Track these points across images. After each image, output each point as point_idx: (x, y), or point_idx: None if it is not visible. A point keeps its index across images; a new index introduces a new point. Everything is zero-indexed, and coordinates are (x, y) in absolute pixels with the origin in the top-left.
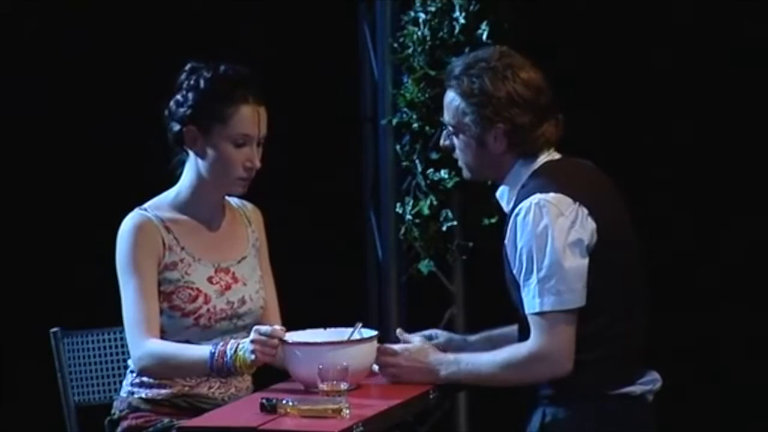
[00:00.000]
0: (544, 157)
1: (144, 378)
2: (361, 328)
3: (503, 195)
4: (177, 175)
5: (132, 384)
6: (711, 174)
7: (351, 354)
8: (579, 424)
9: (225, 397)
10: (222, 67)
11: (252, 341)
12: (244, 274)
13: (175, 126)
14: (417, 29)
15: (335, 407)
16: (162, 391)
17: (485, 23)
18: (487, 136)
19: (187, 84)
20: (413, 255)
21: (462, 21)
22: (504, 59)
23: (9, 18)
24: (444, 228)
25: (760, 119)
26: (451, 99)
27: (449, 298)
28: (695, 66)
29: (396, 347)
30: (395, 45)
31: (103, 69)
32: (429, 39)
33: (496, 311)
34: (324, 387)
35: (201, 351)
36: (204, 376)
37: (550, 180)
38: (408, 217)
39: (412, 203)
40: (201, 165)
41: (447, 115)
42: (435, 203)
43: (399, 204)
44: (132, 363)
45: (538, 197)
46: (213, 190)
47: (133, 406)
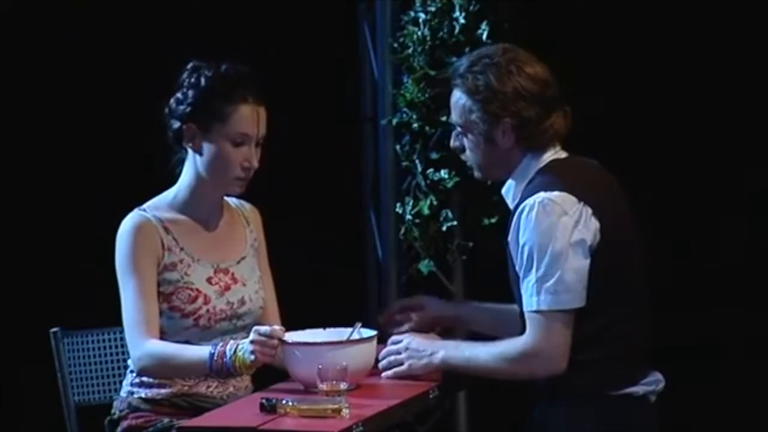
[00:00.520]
0: (551, 154)
1: (144, 378)
2: (361, 328)
3: (509, 190)
4: (176, 175)
5: (132, 384)
6: (711, 174)
7: (350, 354)
8: (581, 424)
9: (224, 397)
10: (223, 66)
11: (251, 342)
12: (243, 274)
13: (175, 123)
14: (417, 29)
15: (335, 407)
16: (162, 391)
17: (485, 23)
18: (495, 131)
19: (188, 82)
20: (413, 255)
21: (462, 21)
22: (508, 54)
23: (9, 18)
24: (444, 228)
25: (760, 119)
26: (458, 98)
27: (449, 298)
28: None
29: (401, 336)
30: (395, 45)
31: (103, 69)
32: (429, 39)
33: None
34: (323, 387)
35: (200, 351)
36: (203, 376)
37: (555, 178)
38: (408, 217)
39: (412, 203)
40: (199, 164)
41: (454, 115)
42: (435, 203)
43: (399, 204)
44: (132, 363)
45: (542, 195)
46: (211, 189)
47: (133, 406)
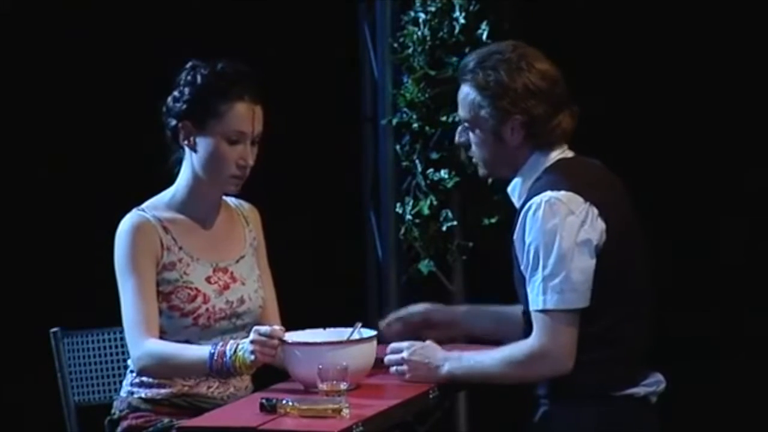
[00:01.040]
0: (558, 153)
1: (144, 378)
2: (361, 328)
3: (515, 188)
4: (174, 175)
5: (132, 384)
6: (711, 173)
7: (351, 354)
8: (581, 424)
9: (224, 397)
10: (220, 65)
11: (251, 341)
12: (242, 273)
13: (172, 121)
14: (417, 29)
15: (335, 407)
16: (162, 391)
17: (485, 23)
18: (504, 128)
19: (185, 80)
20: (413, 255)
21: (462, 21)
22: (518, 51)
23: (9, 18)
24: (444, 228)
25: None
26: (466, 93)
27: (449, 298)
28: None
29: (402, 345)
30: (395, 45)
31: (103, 69)
32: (429, 39)
33: None
34: (324, 387)
35: (200, 351)
36: (203, 376)
37: (562, 177)
38: (408, 217)
39: (412, 203)
40: (196, 162)
41: (462, 111)
42: (435, 203)
43: (399, 204)
44: (132, 363)
45: (549, 194)
46: (208, 188)
47: (133, 406)
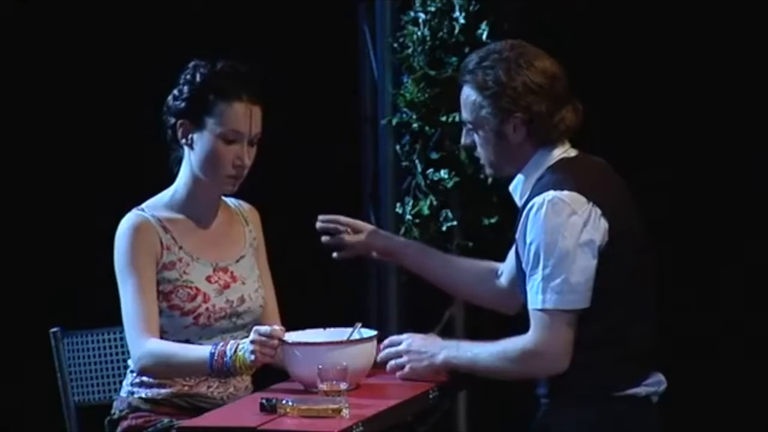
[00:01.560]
0: (561, 151)
1: (144, 378)
2: (361, 328)
3: (517, 187)
4: (174, 174)
5: (132, 384)
6: (711, 173)
7: (350, 354)
8: (583, 425)
9: (224, 397)
10: (220, 64)
11: (251, 342)
12: (242, 273)
13: (171, 119)
14: (417, 29)
15: (335, 407)
16: (162, 391)
17: (485, 23)
18: (506, 127)
19: (184, 79)
20: None
21: (462, 21)
22: (516, 49)
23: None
24: (444, 228)
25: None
26: (467, 95)
27: (449, 298)
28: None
29: (401, 337)
30: (395, 45)
31: (102, 69)
32: (429, 39)
33: (495, 311)
34: (324, 387)
35: (201, 351)
36: (204, 376)
37: (565, 177)
38: (408, 217)
39: (412, 203)
40: (193, 161)
41: (464, 112)
42: (435, 203)
43: (399, 204)
44: (132, 363)
45: (552, 194)
46: (207, 188)
47: (133, 406)
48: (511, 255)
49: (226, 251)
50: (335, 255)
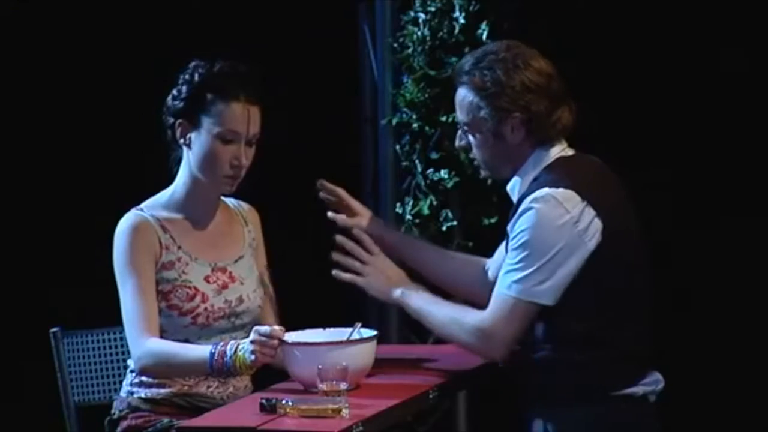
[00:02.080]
0: (557, 151)
1: (144, 378)
2: (361, 328)
3: (514, 187)
4: (174, 174)
5: (132, 384)
6: (711, 172)
7: (350, 354)
8: (580, 425)
9: (224, 397)
10: (218, 64)
11: (252, 342)
12: (241, 273)
13: (170, 119)
14: (417, 29)
15: (335, 407)
16: (162, 391)
17: (485, 23)
18: (504, 127)
19: (183, 79)
20: None
21: (462, 21)
22: (513, 50)
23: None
24: (444, 228)
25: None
26: (464, 96)
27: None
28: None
29: (376, 250)
30: (395, 45)
31: (102, 69)
32: (429, 39)
33: None
34: (323, 387)
35: (201, 351)
36: (204, 375)
37: (561, 175)
38: (408, 217)
39: (412, 203)
40: (192, 161)
41: (460, 114)
42: (435, 203)
43: (399, 204)
44: (132, 362)
45: (546, 190)
46: (205, 188)
47: (133, 406)
48: (500, 250)
49: (224, 251)
50: (334, 273)
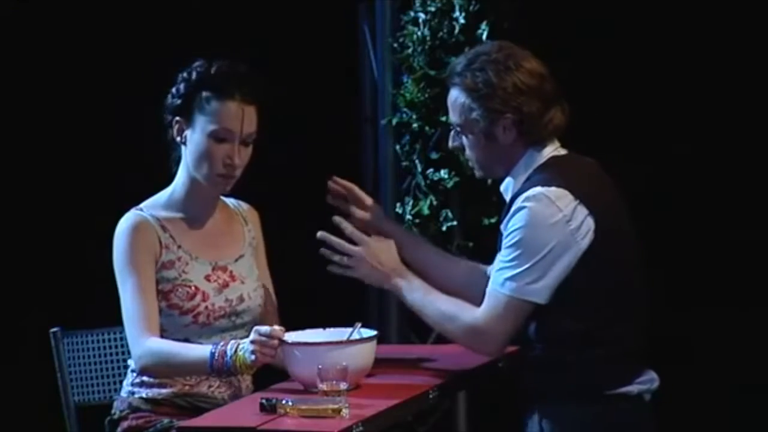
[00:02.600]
0: (550, 150)
1: (144, 378)
2: (361, 328)
3: (507, 187)
4: (173, 174)
5: (132, 384)
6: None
7: (350, 354)
8: (576, 424)
9: (225, 397)
10: (217, 63)
11: (252, 342)
12: (241, 272)
13: (168, 117)
14: (417, 29)
15: (335, 407)
16: (162, 391)
17: (485, 23)
18: (496, 128)
19: (182, 77)
20: None
21: (462, 21)
22: (504, 51)
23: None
24: (444, 228)
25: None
26: (456, 97)
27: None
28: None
29: (364, 238)
30: (395, 45)
31: (102, 69)
32: (429, 39)
33: None
34: (323, 387)
35: (201, 351)
36: (204, 375)
37: (553, 175)
38: (408, 217)
39: (412, 203)
40: (188, 159)
41: (453, 115)
42: (435, 203)
43: (399, 204)
44: (133, 362)
45: (538, 189)
46: (203, 187)
47: (134, 406)
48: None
49: (225, 250)
50: (329, 267)
